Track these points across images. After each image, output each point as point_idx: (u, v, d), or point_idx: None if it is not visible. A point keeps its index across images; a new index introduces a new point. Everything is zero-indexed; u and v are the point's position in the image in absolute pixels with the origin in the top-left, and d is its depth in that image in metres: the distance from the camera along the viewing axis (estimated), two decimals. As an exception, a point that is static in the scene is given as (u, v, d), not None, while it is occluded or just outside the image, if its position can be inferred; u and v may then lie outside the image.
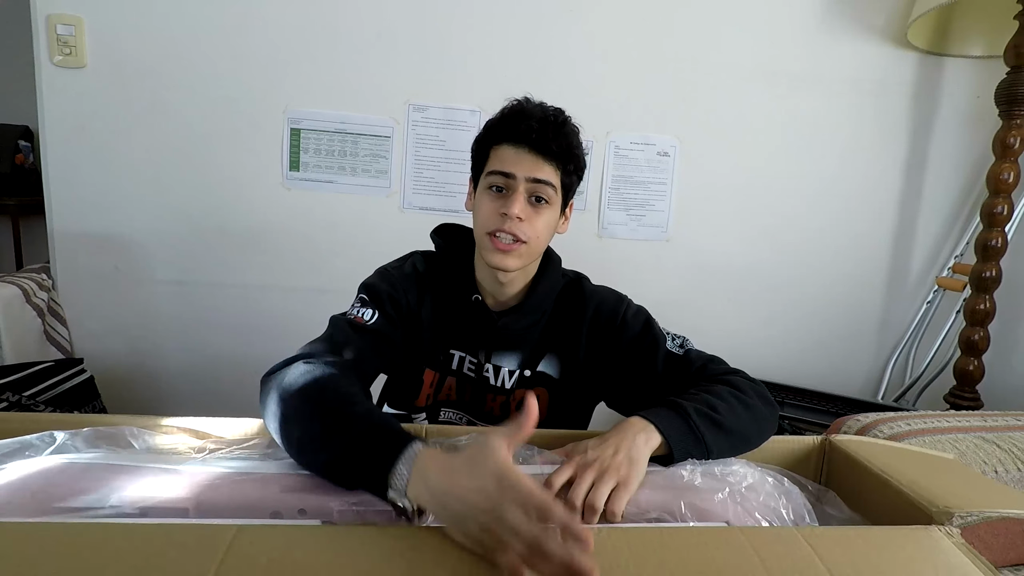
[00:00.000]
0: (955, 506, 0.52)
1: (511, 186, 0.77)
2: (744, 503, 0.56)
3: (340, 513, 0.53)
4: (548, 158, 0.77)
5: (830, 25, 1.61)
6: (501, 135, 0.79)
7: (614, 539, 0.46)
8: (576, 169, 0.82)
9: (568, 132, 0.79)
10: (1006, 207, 1.49)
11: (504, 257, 0.78)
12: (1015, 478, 0.86)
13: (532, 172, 0.77)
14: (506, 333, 0.85)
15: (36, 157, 2.18)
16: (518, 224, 0.77)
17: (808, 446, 0.71)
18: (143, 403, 1.63)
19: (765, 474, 0.61)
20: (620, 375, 0.83)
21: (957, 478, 0.61)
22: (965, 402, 1.53)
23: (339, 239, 1.60)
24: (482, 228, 0.79)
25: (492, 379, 0.86)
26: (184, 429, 0.66)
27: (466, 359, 0.87)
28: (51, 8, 1.42)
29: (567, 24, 1.56)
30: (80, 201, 1.52)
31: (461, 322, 0.86)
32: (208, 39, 1.48)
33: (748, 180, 1.67)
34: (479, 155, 0.83)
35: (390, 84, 1.55)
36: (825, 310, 1.76)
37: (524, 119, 0.77)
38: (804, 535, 0.47)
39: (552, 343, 0.86)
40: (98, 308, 1.57)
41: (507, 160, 0.78)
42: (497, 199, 0.78)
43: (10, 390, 1.22)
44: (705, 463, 0.61)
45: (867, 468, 0.63)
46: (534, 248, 0.80)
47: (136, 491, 0.52)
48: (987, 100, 1.53)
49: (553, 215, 0.81)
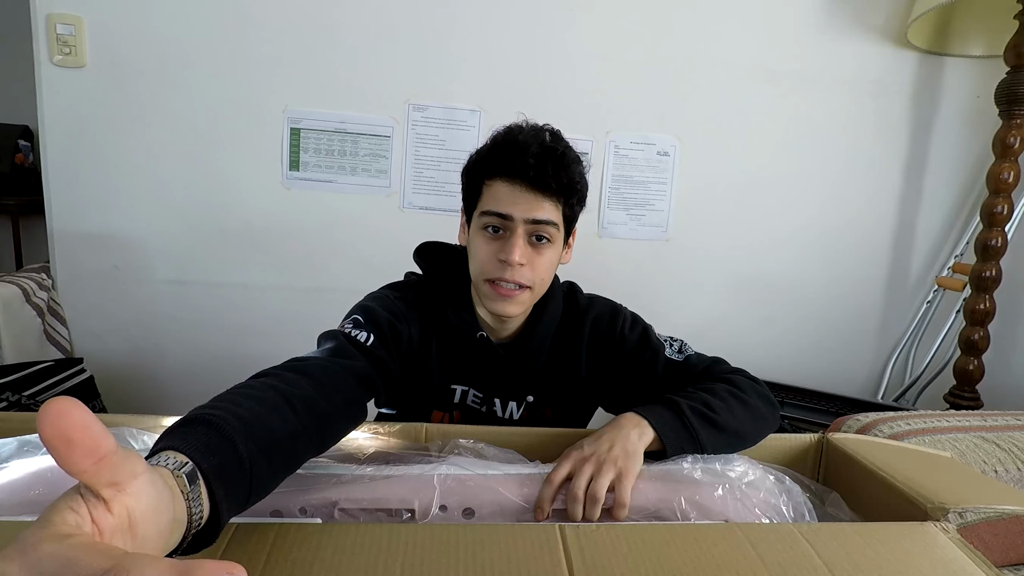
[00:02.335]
0: (951, 502, 0.53)
1: (509, 227, 0.71)
2: (744, 500, 0.56)
3: (341, 512, 0.53)
4: (548, 194, 0.70)
5: (830, 25, 1.61)
6: (494, 169, 0.72)
7: (612, 536, 0.46)
8: (579, 201, 0.75)
9: (569, 163, 0.72)
10: (1006, 207, 1.49)
11: (507, 304, 0.73)
12: (1015, 478, 0.86)
13: (531, 213, 0.70)
14: (512, 368, 0.81)
15: (36, 157, 2.18)
16: (519, 270, 0.71)
17: (806, 444, 0.71)
18: (143, 403, 1.63)
19: (766, 471, 0.61)
20: (622, 388, 0.81)
21: (953, 475, 0.62)
22: (965, 402, 1.53)
23: (339, 239, 1.60)
24: (480, 274, 0.73)
25: (500, 412, 0.82)
26: None
27: (469, 392, 0.82)
28: (51, 8, 1.42)
29: (567, 24, 1.56)
30: (80, 201, 1.52)
31: (464, 357, 0.80)
32: (208, 39, 1.48)
33: (748, 180, 1.67)
34: (471, 188, 0.76)
35: (390, 84, 1.55)
36: (825, 310, 1.76)
37: (519, 152, 0.70)
38: (802, 532, 0.48)
39: (554, 365, 0.83)
40: (98, 308, 1.57)
41: (502, 199, 0.70)
42: (493, 242, 0.72)
43: (10, 390, 1.22)
44: (707, 459, 0.62)
45: (864, 465, 0.63)
46: (538, 291, 0.75)
47: None
48: (987, 100, 1.53)
49: (556, 252, 0.75)
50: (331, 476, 0.56)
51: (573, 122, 1.57)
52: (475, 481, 0.57)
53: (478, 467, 0.59)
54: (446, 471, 0.57)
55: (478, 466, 0.59)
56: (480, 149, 0.76)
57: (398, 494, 0.55)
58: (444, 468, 0.58)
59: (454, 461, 0.60)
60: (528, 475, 0.59)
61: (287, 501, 0.54)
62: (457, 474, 0.57)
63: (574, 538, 0.45)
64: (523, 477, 0.58)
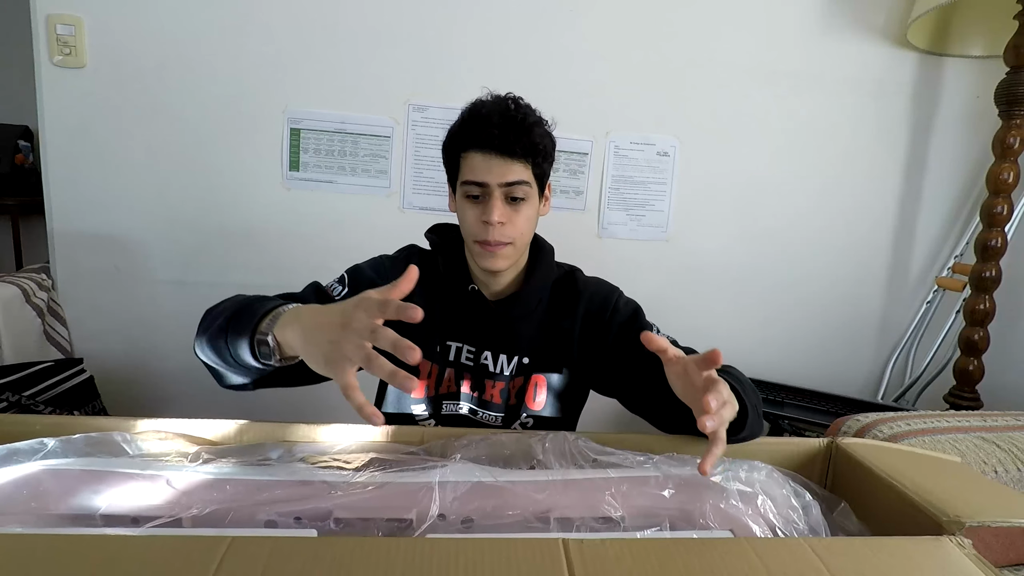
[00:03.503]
0: (966, 515, 0.51)
1: (487, 192, 0.80)
2: (758, 510, 0.55)
3: (337, 521, 0.52)
4: (515, 158, 0.79)
5: (830, 25, 1.61)
6: (466, 142, 0.80)
7: (616, 549, 0.45)
8: (546, 159, 0.83)
9: (531, 126, 0.80)
10: (1006, 207, 1.49)
11: (494, 259, 0.82)
12: (1015, 478, 0.86)
13: (503, 177, 0.79)
14: (503, 321, 0.87)
15: (36, 157, 2.18)
16: (500, 229, 0.80)
17: (813, 449, 0.69)
18: (143, 403, 1.63)
19: (782, 482, 0.59)
20: (613, 359, 0.85)
21: (966, 484, 0.60)
22: (965, 402, 1.53)
23: (339, 239, 1.60)
24: (470, 236, 0.83)
25: (491, 366, 0.88)
26: (178, 434, 0.65)
27: (464, 348, 0.89)
28: (51, 8, 1.42)
29: (567, 24, 1.56)
30: (80, 201, 1.51)
31: (458, 313, 0.88)
32: (208, 39, 1.48)
33: (748, 180, 1.67)
34: (450, 162, 0.84)
35: (390, 84, 1.55)
36: (825, 310, 1.76)
37: (485, 124, 0.78)
38: (812, 546, 0.46)
39: (548, 332, 0.89)
40: (98, 308, 1.57)
41: (477, 169, 0.79)
42: (476, 207, 0.81)
43: (10, 390, 1.22)
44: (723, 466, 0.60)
45: (874, 473, 0.62)
46: (520, 245, 0.84)
47: (129, 499, 0.52)
48: (987, 100, 1.53)
49: (532, 208, 0.83)
50: (327, 484, 0.55)
51: (573, 122, 1.58)
52: (474, 489, 0.55)
53: (477, 474, 0.57)
54: (444, 478, 0.56)
55: (477, 473, 0.58)
56: (453, 125, 0.84)
57: (395, 503, 0.54)
58: (442, 474, 0.56)
59: (453, 466, 0.58)
60: (526, 482, 0.57)
61: (282, 509, 0.53)
62: (455, 481, 0.56)
63: (577, 552, 0.44)
64: (523, 484, 0.57)
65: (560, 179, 1.63)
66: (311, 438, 0.67)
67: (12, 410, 1.20)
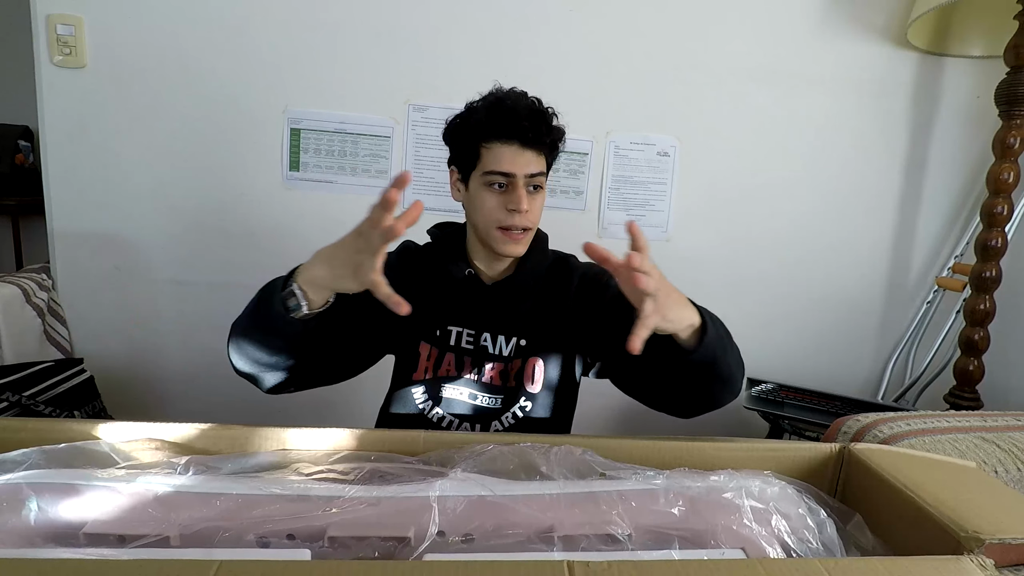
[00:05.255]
0: (985, 532, 0.49)
1: (512, 183, 0.83)
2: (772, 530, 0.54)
3: (332, 540, 0.50)
4: (539, 150, 0.84)
5: (830, 25, 1.61)
6: (491, 132, 0.83)
7: (623, 572, 0.43)
8: (557, 151, 0.89)
9: (551, 120, 0.86)
10: (1006, 207, 1.49)
11: (516, 245, 0.86)
12: (1015, 478, 0.86)
13: (528, 168, 0.83)
14: (500, 302, 0.90)
15: (36, 157, 2.18)
16: (524, 216, 0.84)
17: (824, 455, 0.66)
18: (143, 403, 1.63)
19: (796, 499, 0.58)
20: (604, 331, 0.86)
21: (983, 493, 0.58)
22: (965, 402, 1.53)
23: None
24: (490, 223, 0.85)
25: (490, 348, 0.91)
26: (167, 442, 0.63)
27: (463, 333, 0.91)
28: (51, 8, 1.42)
29: (567, 24, 1.55)
30: (80, 201, 1.51)
31: (456, 298, 0.91)
32: (208, 39, 1.48)
33: (748, 180, 1.67)
34: (466, 150, 0.86)
35: (390, 84, 1.54)
36: (825, 310, 1.76)
37: (513, 116, 0.82)
38: (828, 568, 0.45)
39: (544, 313, 0.92)
40: (98, 308, 1.57)
41: (504, 160, 0.82)
42: (500, 196, 0.84)
43: (10, 390, 1.22)
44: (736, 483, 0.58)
45: (888, 482, 0.59)
46: (534, 231, 0.89)
47: (114, 516, 0.50)
48: (987, 100, 1.53)
49: (544, 195, 0.88)
50: (321, 499, 0.53)
51: (573, 122, 1.56)
52: (474, 504, 0.53)
53: (477, 488, 0.55)
54: (443, 492, 0.54)
55: (477, 487, 0.55)
56: (469, 114, 0.87)
57: (392, 520, 0.52)
58: (441, 488, 0.54)
59: (452, 479, 0.56)
60: (529, 497, 0.55)
61: (275, 527, 0.51)
62: (455, 495, 0.53)
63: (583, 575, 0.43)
64: (525, 500, 0.55)
65: (560, 179, 1.63)
66: (305, 443, 0.65)
67: (12, 410, 1.20)
